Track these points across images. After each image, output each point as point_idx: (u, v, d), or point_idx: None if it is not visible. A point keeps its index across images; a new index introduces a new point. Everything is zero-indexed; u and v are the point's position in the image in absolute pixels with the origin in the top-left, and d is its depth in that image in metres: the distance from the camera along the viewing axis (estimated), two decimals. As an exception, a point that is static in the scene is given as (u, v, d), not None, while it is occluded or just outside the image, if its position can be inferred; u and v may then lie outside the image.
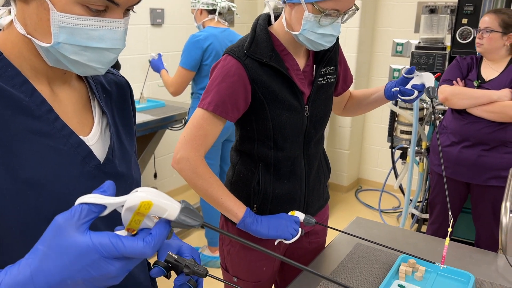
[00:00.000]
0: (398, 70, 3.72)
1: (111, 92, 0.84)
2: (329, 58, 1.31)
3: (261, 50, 1.20)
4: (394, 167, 3.03)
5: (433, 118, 2.82)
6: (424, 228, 3.10)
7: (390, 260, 1.36)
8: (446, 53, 2.84)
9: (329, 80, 1.33)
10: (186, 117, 3.02)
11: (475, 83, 2.30)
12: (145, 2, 3.24)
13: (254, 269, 1.41)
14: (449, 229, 1.30)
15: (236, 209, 1.23)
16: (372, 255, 1.40)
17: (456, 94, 2.27)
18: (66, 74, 0.75)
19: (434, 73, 1.51)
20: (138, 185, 0.87)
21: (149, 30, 3.33)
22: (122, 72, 3.18)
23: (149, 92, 3.39)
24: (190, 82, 2.70)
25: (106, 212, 0.53)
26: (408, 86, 1.30)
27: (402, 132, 2.85)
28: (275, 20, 1.28)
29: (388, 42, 3.76)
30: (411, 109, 2.75)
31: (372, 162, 4.11)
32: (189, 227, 0.54)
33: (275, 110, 1.23)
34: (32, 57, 0.69)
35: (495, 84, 2.25)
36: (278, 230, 1.23)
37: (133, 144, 0.89)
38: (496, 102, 2.18)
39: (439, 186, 2.49)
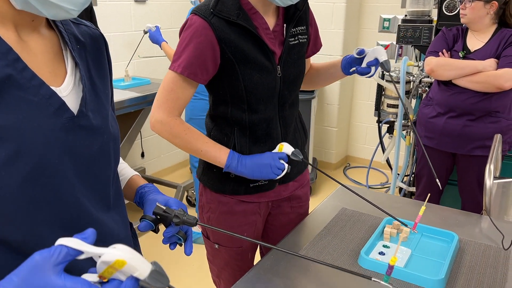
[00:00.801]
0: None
1: (85, 44, 0.81)
2: (299, 18, 1.29)
3: (227, 9, 1.18)
4: (381, 142, 3.03)
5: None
6: (411, 202, 3.12)
7: (375, 223, 1.36)
8: (433, 25, 2.82)
9: (300, 40, 1.31)
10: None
11: (460, 54, 2.30)
12: (128, -22, 3.17)
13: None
14: (429, 194, 1.30)
15: (219, 157, 1.25)
16: (357, 219, 1.40)
17: (442, 65, 2.27)
18: (35, 21, 0.72)
19: (384, 46, 1.50)
20: (116, 140, 0.84)
21: (133, 7, 3.27)
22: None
23: (134, 70, 3.34)
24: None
25: (82, 257, 0.56)
26: (364, 65, 1.31)
27: (389, 105, 2.84)
28: None
29: (375, 18, 3.72)
30: (398, 82, 2.74)
31: (360, 139, 4.12)
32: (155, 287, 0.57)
33: (246, 71, 1.21)
34: None
35: (481, 54, 2.25)
36: (262, 172, 1.24)
37: (109, 97, 0.86)
38: (481, 72, 2.18)
39: (425, 157, 2.50)
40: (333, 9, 3.58)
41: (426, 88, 2.74)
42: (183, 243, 0.91)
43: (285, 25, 1.28)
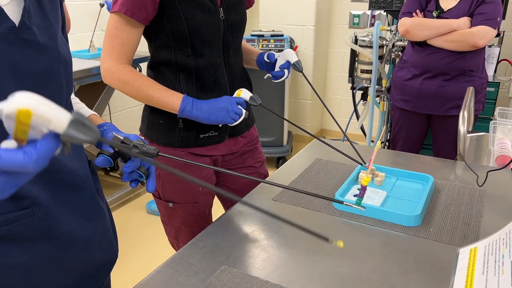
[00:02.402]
0: (358, 16, 3.66)
1: None
2: None
3: None
4: (355, 109, 3.01)
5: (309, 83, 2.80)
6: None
7: (350, 170, 1.32)
8: (405, -11, 2.80)
9: None
10: (140, 65, 2.88)
11: (434, 14, 2.27)
12: None
13: (189, 190, 1.34)
14: (382, 134, 1.27)
15: (172, 102, 1.19)
16: (332, 167, 1.36)
17: (416, 25, 2.24)
18: None
19: (292, 47, 1.51)
20: (68, 64, 0.77)
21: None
22: (71, 18, 2.98)
23: (99, 41, 3.20)
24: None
25: None
26: (277, 68, 1.35)
27: (362, 71, 2.81)
28: None
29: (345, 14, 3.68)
30: (371, 47, 2.71)
31: (335, 112, 4.09)
32: (82, 142, 0.46)
33: (189, 10, 1.16)
34: None
35: (454, 13, 2.23)
36: (218, 115, 1.19)
37: (59, 20, 0.78)
38: (456, 31, 2.17)
39: (401, 121, 2.48)
40: (303, 3, 3.52)
41: (399, 53, 2.72)
42: (145, 180, 0.85)
43: None
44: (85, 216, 0.79)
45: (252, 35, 3.39)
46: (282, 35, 3.38)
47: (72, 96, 0.92)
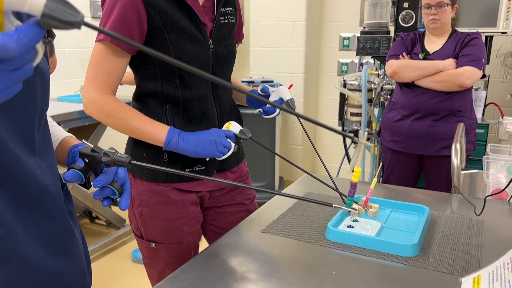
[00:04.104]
0: (346, 64, 3.75)
1: None
2: (226, 0, 1.27)
3: None
4: (346, 153, 2.99)
5: (301, 123, 2.82)
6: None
7: (342, 204, 1.27)
8: (391, 36, 2.88)
9: (230, 20, 1.28)
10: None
11: (420, 56, 2.32)
12: (85, -6, 3.11)
13: (173, 229, 1.26)
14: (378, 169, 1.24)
15: (157, 134, 1.13)
16: (323, 200, 1.30)
17: (404, 67, 2.28)
18: None
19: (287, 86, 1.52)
20: (44, 77, 0.74)
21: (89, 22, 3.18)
22: (62, 64, 3.00)
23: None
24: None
25: None
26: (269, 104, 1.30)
27: (352, 114, 2.82)
28: None
29: (335, 37, 3.79)
30: (359, 90, 2.74)
31: (326, 157, 4.07)
32: (66, 25, 0.41)
33: (177, 40, 1.14)
34: None
35: (440, 55, 2.28)
36: (206, 148, 1.13)
37: None
38: (442, 71, 2.20)
39: (393, 162, 2.46)
40: (293, 27, 3.62)
41: (388, 96, 2.75)
42: (118, 198, 0.78)
43: (215, 1, 1.24)
44: (53, 240, 0.72)
45: (242, 81, 3.43)
46: (272, 81, 3.43)
47: (50, 119, 0.88)
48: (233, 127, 1.20)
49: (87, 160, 0.73)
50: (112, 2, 1.10)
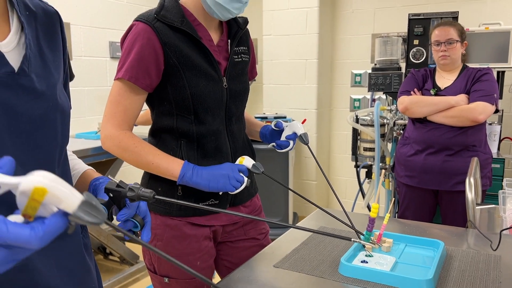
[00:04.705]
0: (359, 100, 3.79)
1: (36, 14, 0.78)
2: (241, 38, 1.32)
3: (171, 15, 1.17)
4: (360, 188, 2.97)
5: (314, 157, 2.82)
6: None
7: (356, 238, 1.26)
8: (402, 72, 2.92)
9: (243, 59, 1.33)
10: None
11: (432, 92, 2.34)
12: (105, 35, 3.24)
13: (187, 264, 1.26)
14: (391, 206, 1.23)
15: (172, 169, 1.16)
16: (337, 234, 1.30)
17: (415, 103, 2.30)
18: None
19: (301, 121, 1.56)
20: (65, 113, 0.78)
21: (108, 62, 3.31)
22: (80, 102, 3.10)
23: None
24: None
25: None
26: (283, 138, 1.36)
27: (365, 149, 2.83)
28: None
29: (347, 73, 3.86)
30: (372, 125, 2.75)
31: (340, 193, 4.05)
32: (88, 223, 0.47)
33: (192, 78, 1.18)
34: None
35: (451, 91, 2.29)
36: (219, 182, 1.15)
37: (61, 71, 0.81)
38: (454, 107, 2.21)
39: (408, 198, 2.43)
40: (305, 65, 3.70)
41: (401, 131, 2.75)
42: (139, 231, 0.80)
43: (229, 41, 1.29)
44: (70, 272, 0.73)
45: (255, 117, 3.48)
46: (285, 117, 3.47)
47: (70, 152, 0.92)
48: (246, 161, 1.22)
49: (111, 195, 0.75)
50: (131, 43, 1.16)
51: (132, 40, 1.16)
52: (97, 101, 3.22)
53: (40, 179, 0.46)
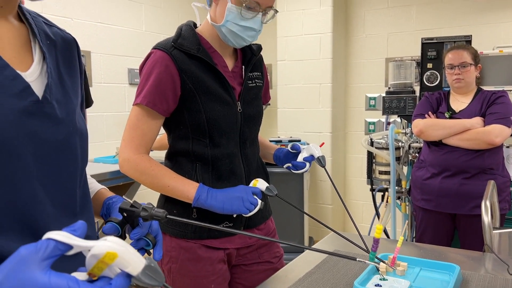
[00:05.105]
0: (374, 123, 3.80)
1: (55, 42, 0.82)
2: (255, 64, 1.37)
3: (188, 43, 1.23)
4: (376, 211, 2.94)
5: (330, 181, 2.81)
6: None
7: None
8: (416, 96, 2.92)
9: (257, 84, 1.37)
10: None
11: (446, 115, 2.34)
12: (124, 62, 3.34)
13: (201, 287, 1.28)
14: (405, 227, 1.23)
15: (187, 191, 1.19)
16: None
17: (430, 126, 2.29)
18: (3, 8, 0.73)
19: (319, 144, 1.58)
20: (83, 136, 0.82)
21: (127, 89, 3.40)
22: (99, 127, 3.18)
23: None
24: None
25: (71, 252, 0.52)
26: (300, 159, 1.38)
27: (380, 172, 2.82)
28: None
29: (361, 97, 3.88)
30: (387, 148, 2.75)
31: (356, 217, 4.01)
32: (149, 285, 0.53)
33: (208, 103, 1.23)
34: None
35: (466, 114, 2.29)
36: (233, 205, 1.16)
37: (78, 96, 0.85)
38: (470, 129, 2.20)
39: (425, 222, 2.40)
40: (319, 89, 3.74)
41: (416, 154, 2.74)
42: (151, 249, 0.83)
43: (243, 67, 1.34)
44: None
45: (270, 141, 3.51)
46: (299, 140, 3.49)
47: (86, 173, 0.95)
48: (260, 184, 1.23)
49: (125, 214, 0.78)
50: (149, 69, 1.21)
51: (151, 67, 1.21)
52: (116, 126, 3.30)
53: (111, 244, 0.51)
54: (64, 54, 0.83)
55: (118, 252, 0.51)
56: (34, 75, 0.74)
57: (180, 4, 3.81)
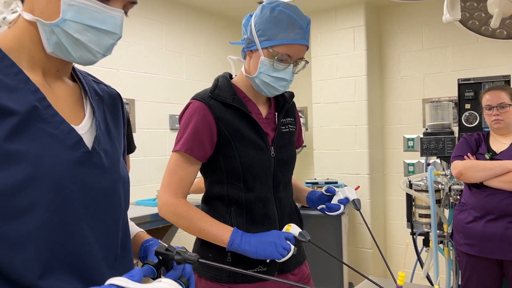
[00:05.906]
0: (413, 165, 3.73)
1: (103, 97, 0.91)
2: (287, 110, 1.43)
3: (224, 94, 1.31)
4: (418, 256, 2.84)
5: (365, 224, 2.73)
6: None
7: (408, 310, 1.22)
8: (455, 137, 2.87)
9: (290, 129, 1.42)
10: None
11: (487, 156, 2.28)
12: (165, 109, 3.51)
13: None
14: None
15: (221, 235, 1.22)
16: (387, 306, 1.27)
17: (470, 167, 2.24)
18: (59, 71, 0.82)
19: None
20: (126, 182, 0.88)
21: (168, 134, 3.54)
22: (141, 171, 3.31)
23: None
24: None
25: None
26: (334, 201, 1.40)
27: (420, 215, 2.74)
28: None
29: (398, 138, 3.84)
30: (426, 191, 2.69)
31: (398, 262, 3.87)
32: None
33: (242, 148, 1.28)
34: (31, 45, 0.77)
35: (507, 155, 2.23)
36: (267, 250, 1.18)
37: (122, 145, 0.92)
38: (511, 171, 2.13)
39: (469, 268, 2.30)
40: (356, 131, 3.75)
41: (457, 197, 2.66)
42: None
43: (276, 113, 1.40)
44: None
45: (306, 183, 3.51)
46: (336, 182, 3.47)
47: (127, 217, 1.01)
48: (293, 229, 1.25)
49: (160, 257, 0.82)
50: (188, 118, 1.30)
51: (189, 116, 1.30)
52: (157, 170, 3.42)
53: (165, 286, 0.59)
54: (110, 108, 0.92)
55: None
56: (85, 128, 0.82)
57: (218, 53, 4.00)
